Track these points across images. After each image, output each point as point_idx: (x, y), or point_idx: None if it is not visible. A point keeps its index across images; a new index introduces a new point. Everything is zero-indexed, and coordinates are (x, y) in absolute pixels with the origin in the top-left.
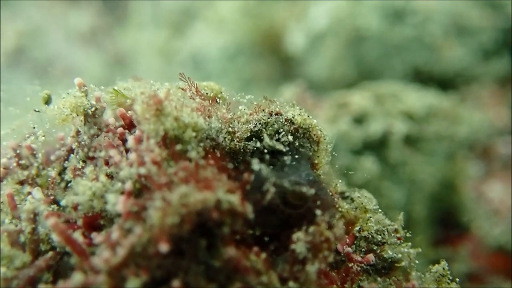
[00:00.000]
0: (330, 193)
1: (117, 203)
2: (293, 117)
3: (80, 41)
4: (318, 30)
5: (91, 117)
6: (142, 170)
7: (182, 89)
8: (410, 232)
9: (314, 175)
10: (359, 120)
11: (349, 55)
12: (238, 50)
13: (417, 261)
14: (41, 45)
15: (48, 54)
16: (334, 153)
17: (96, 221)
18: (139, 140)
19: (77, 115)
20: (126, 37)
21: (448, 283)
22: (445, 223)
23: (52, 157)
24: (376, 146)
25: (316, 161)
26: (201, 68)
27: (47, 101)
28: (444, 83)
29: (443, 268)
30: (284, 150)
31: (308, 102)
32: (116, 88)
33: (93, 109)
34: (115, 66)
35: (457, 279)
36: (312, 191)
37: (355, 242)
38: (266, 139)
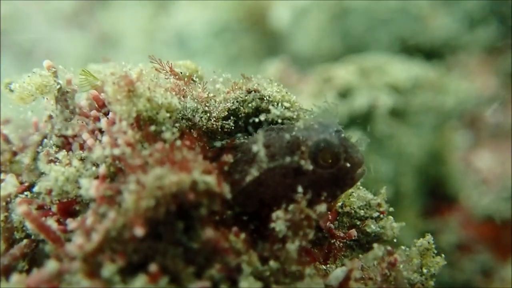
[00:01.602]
0: (358, 150)
1: (90, 187)
2: (271, 94)
3: (63, 23)
4: (303, 4)
5: (62, 100)
6: (116, 152)
7: (157, 69)
8: (399, 204)
9: (343, 131)
10: (344, 94)
11: (334, 28)
12: (224, 26)
13: (401, 234)
14: (23, 28)
15: (31, 37)
16: None
17: (71, 206)
18: (112, 122)
19: (43, 95)
20: (109, 17)
21: (433, 257)
22: (434, 194)
23: (26, 143)
24: (362, 120)
25: None
26: (186, 45)
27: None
28: (431, 53)
29: (428, 242)
30: (294, 116)
31: (292, 77)
32: (85, 69)
33: (58, 86)
34: (99, 47)
35: (443, 255)
36: (343, 149)
37: (337, 218)
38: (274, 110)
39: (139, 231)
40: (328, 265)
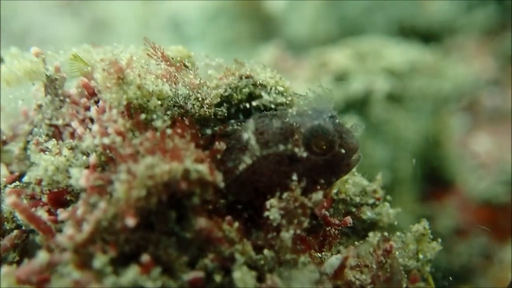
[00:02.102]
0: (353, 136)
1: (80, 177)
2: (264, 79)
3: (56, 9)
4: None
5: (52, 88)
6: (106, 141)
7: (148, 54)
8: (396, 190)
9: (338, 117)
10: (340, 79)
11: (330, 12)
12: (218, 11)
13: (398, 220)
14: (16, 15)
15: (24, 24)
16: None
17: (62, 196)
18: (102, 111)
19: (31, 81)
20: (102, 2)
21: (429, 242)
22: (432, 178)
23: (16, 132)
24: (359, 105)
25: None
26: (180, 31)
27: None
28: (428, 36)
29: (424, 227)
30: (287, 102)
31: (288, 62)
32: (76, 54)
33: (48, 73)
34: (93, 33)
35: (440, 239)
36: (337, 135)
37: (333, 205)
38: (265, 96)
39: (131, 221)
40: (323, 253)
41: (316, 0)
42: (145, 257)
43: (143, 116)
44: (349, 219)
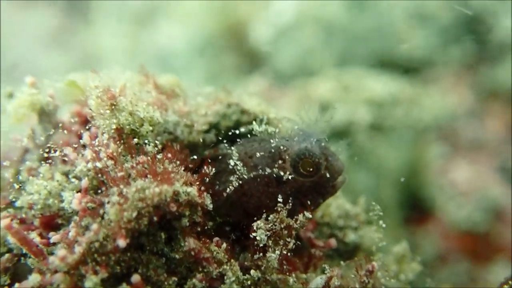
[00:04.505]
0: (339, 158)
1: (72, 200)
2: (251, 108)
3: (44, 43)
4: (284, 23)
5: (46, 115)
6: (98, 164)
7: (141, 83)
8: (377, 215)
9: (323, 140)
10: (324, 108)
11: (315, 45)
12: (205, 44)
13: (383, 243)
14: (4, 50)
15: (12, 59)
16: None
17: (54, 220)
18: (94, 136)
19: (34, 113)
20: (91, 36)
21: (410, 263)
22: (413, 206)
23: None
24: (341, 135)
25: None
26: (168, 63)
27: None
28: (408, 69)
29: (404, 249)
30: (275, 131)
31: (274, 93)
32: (71, 80)
33: (50, 106)
34: (82, 67)
35: (419, 258)
36: (324, 158)
37: (317, 227)
38: (255, 127)
39: (122, 242)
40: (308, 274)
41: (301, 33)
42: (136, 278)
43: (134, 141)
44: (333, 242)
